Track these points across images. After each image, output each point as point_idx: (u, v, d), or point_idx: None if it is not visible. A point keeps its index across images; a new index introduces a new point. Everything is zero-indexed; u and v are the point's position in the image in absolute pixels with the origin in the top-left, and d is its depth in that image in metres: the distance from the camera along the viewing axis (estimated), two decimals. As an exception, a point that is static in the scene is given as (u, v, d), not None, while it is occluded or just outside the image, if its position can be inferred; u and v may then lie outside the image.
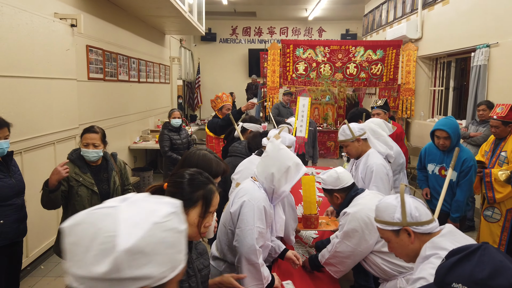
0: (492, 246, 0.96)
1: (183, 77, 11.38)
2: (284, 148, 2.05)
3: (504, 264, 0.88)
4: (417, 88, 7.47)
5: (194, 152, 1.84)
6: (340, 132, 2.95)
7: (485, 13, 5.19)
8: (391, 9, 8.58)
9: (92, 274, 0.64)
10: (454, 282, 0.90)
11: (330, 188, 2.36)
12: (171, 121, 4.91)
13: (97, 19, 5.28)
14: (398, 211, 1.46)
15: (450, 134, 3.04)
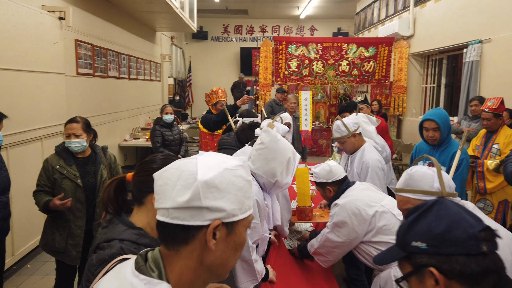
0: (448, 199, 0.93)
1: (174, 75, 11.27)
2: (282, 138, 1.96)
3: (460, 216, 0.86)
4: (409, 85, 7.48)
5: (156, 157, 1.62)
6: (335, 129, 2.89)
7: (478, 9, 5.21)
8: (383, 6, 8.59)
9: (177, 204, 0.77)
10: (413, 241, 0.88)
11: (323, 181, 2.36)
12: (163, 116, 4.83)
13: (86, 13, 5.17)
14: (437, 180, 1.41)
15: (439, 124, 2.67)
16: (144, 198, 1.25)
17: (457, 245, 0.83)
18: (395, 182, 3.76)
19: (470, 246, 0.82)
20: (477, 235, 0.83)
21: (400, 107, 7.45)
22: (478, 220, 0.86)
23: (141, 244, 1.20)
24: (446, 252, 0.84)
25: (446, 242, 0.84)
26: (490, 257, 0.83)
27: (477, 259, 0.82)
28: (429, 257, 0.85)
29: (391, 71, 7.51)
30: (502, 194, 3.44)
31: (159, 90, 9.22)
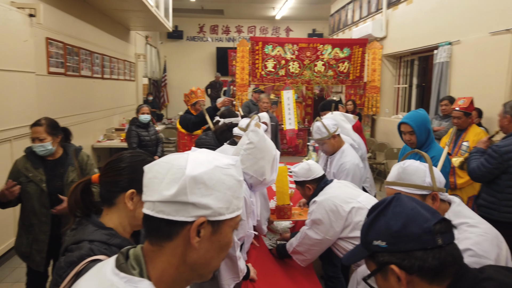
0: (404, 195, 0.95)
1: (149, 75, 11.10)
2: (267, 138, 2.03)
3: (415, 211, 0.88)
4: (382, 85, 7.66)
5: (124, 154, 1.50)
6: (315, 131, 2.91)
7: (448, 12, 5.39)
8: (357, 8, 8.76)
9: (163, 197, 0.76)
10: (374, 240, 0.90)
11: (303, 179, 2.40)
12: (140, 117, 4.73)
13: (58, 11, 5.02)
14: (429, 175, 1.43)
15: (414, 128, 2.58)
16: (115, 198, 1.22)
17: (414, 240, 0.85)
18: (369, 180, 3.84)
19: (426, 240, 0.84)
20: (432, 229, 0.84)
21: (374, 107, 7.62)
22: (433, 213, 0.88)
23: (111, 245, 1.17)
24: (404, 248, 0.85)
25: (403, 239, 0.85)
26: (446, 249, 0.85)
27: (434, 252, 0.84)
28: (389, 255, 0.87)
29: (365, 72, 7.67)
30: (471, 189, 3.59)
31: (133, 90, 9.06)
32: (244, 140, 2.02)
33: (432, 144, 2.65)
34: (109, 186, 1.23)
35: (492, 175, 2.84)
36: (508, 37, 4.25)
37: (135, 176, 1.19)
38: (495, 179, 2.86)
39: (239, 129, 2.70)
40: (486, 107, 4.39)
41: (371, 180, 3.94)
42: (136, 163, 1.23)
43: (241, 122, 2.75)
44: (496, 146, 2.84)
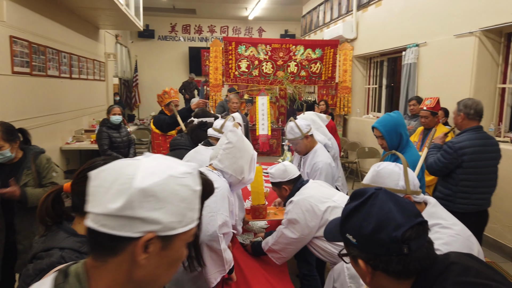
0: (385, 192, 0.95)
1: (119, 74, 10.85)
2: (245, 138, 2.08)
3: (389, 215, 0.90)
4: (353, 86, 7.83)
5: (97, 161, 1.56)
6: (288, 131, 2.96)
7: (415, 14, 5.57)
8: (328, 10, 8.91)
9: (107, 210, 0.68)
10: (347, 233, 0.94)
11: (279, 180, 2.43)
12: (111, 118, 4.59)
13: (23, 8, 4.82)
14: (402, 178, 1.44)
15: (382, 133, 2.58)
16: None
17: (381, 247, 0.88)
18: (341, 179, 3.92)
19: (392, 248, 0.88)
20: (399, 238, 0.87)
21: (345, 107, 7.77)
22: (409, 217, 0.90)
23: (83, 253, 1.14)
24: (371, 251, 0.90)
25: (371, 243, 0.90)
26: (412, 255, 0.88)
27: (399, 259, 0.88)
28: (358, 251, 0.93)
29: (336, 73, 7.81)
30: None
31: (103, 90, 8.83)
32: (223, 140, 2.07)
33: (407, 149, 2.59)
34: (82, 195, 1.18)
35: (447, 169, 2.99)
36: (472, 39, 4.44)
37: None
38: (450, 173, 3.02)
39: (214, 130, 2.70)
40: (452, 106, 4.54)
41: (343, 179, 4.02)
42: None
43: (216, 122, 2.75)
44: (451, 143, 3.00)
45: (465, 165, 2.94)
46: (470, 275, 0.86)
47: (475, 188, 3.01)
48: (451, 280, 0.86)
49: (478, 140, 2.98)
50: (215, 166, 2.06)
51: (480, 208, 3.09)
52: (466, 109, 3.01)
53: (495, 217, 4.15)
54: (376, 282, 0.92)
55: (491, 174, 3.08)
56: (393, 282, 0.91)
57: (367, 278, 0.93)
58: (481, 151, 2.97)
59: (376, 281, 0.92)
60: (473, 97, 4.35)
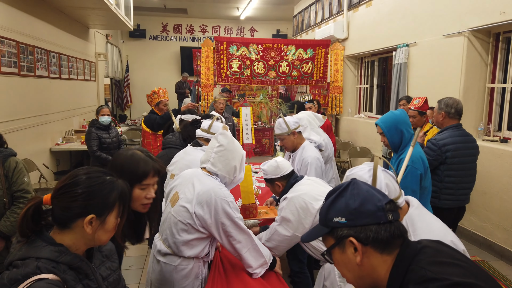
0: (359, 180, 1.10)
1: (110, 74, 10.76)
2: (235, 139, 2.12)
3: (370, 192, 1.03)
4: (345, 86, 7.85)
5: (121, 152, 1.68)
6: (276, 126, 3.02)
7: (405, 14, 5.60)
8: (319, 10, 8.92)
9: None
10: (334, 217, 1.03)
11: (272, 177, 2.43)
12: (100, 118, 4.54)
13: (10, 8, 4.76)
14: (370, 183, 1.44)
15: (383, 130, 2.55)
16: (72, 223, 1.16)
17: (369, 216, 1.00)
18: (335, 180, 3.93)
19: (379, 216, 0.99)
20: (384, 207, 1.00)
21: (337, 106, 7.79)
22: (384, 195, 1.04)
23: (60, 263, 1.12)
24: (361, 223, 1.00)
25: (360, 215, 1.00)
26: (395, 224, 1.01)
27: (386, 226, 0.99)
28: (348, 229, 1.01)
29: (328, 72, 7.82)
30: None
31: (94, 90, 8.75)
32: (214, 143, 2.09)
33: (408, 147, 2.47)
34: (65, 211, 1.16)
35: (432, 166, 3.02)
36: (460, 39, 4.47)
37: (93, 202, 1.16)
38: (434, 169, 3.08)
39: (202, 131, 2.71)
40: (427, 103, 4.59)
41: (337, 180, 4.03)
42: (93, 188, 1.18)
43: (204, 123, 2.76)
44: (434, 140, 3.10)
45: (449, 161, 3.04)
46: (442, 256, 0.96)
47: (459, 184, 3.11)
48: (425, 260, 0.95)
49: (459, 137, 3.09)
50: (209, 170, 2.07)
51: (462, 203, 3.22)
52: (447, 108, 3.13)
53: (485, 216, 4.19)
54: (364, 263, 1.01)
55: (472, 170, 3.20)
56: (378, 259, 1.00)
57: (358, 258, 1.00)
58: (462, 147, 3.08)
59: (364, 263, 1.01)
60: (462, 96, 4.40)
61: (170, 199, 2.13)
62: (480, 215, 4.27)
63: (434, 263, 0.94)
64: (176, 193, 2.10)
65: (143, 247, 4.04)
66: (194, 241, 1.98)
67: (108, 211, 1.18)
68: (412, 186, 2.41)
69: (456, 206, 3.17)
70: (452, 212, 3.19)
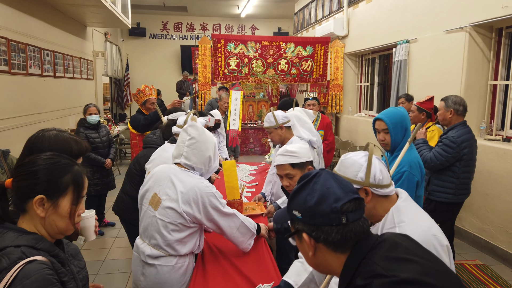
0: (327, 172, 1.07)
1: (109, 73, 10.68)
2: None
3: (330, 190, 1.00)
4: (345, 84, 7.70)
5: (41, 135, 1.55)
6: (266, 119, 3.04)
7: (405, 10, 5.45)
8: (319, 7, 8.78)
9: None
10: (293, 209, 1.04)
11: (305, 160, 2.18)
12: (87, 118, 4.42)
13: (0, 4, 4.67)
14: (363, 170, 1.41)
15: (389, 126, 2.25)
16: (26, 204, 1.14)
17: (322, 217, 0.98)
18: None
19: (332, 218, 0.98)
20: (339, 209, 0.97)
21: (337, 105, 7.65)
22: (347, 192, 1.01)
23: (40, 249, 1.09)
24: (314, 222, 1.00)
25: (314, 214, 0.99)
26: (350, 226, 0.98)
27: (338, 228, 0.98)
28: (303, 225, 1.02)
29: (328, 70, 7.68)
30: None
31: (91, 89, 8.66)
32: (184, 136, 2.03)
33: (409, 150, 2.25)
34: (20, 191, 1.14)
35: (448, 163, 3.15)
36: (462, 35, 4.32)
37: (49, 180, 1.14)
38: (450, 166, 3.18)
39: (178, 127, 2.65)
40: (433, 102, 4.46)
41: None
42: (50, 166, 1.16)
43: (179, 119, 2.71)
44: (452, 137, 3.12)
45: (466, 158, 3.14)
46: (397, 251, 0.95)
47: (470, 179, 3.28)
48: (379, 255, 0.94)
49: (469, 134, 3.18)
50: (184, 165, 2.03)
51: (467, 196, 3.34)
52: (455, 106, 3.19)
53: (487, 218, 4.04)
54: (318, 256, 1.02)
55: (474, 164, 3.33)
56: (331, 255, 1.00)
57: (310, 252, 1.02)
58: (473, 144, 3.20)
59: (317, 255, 1.02)
60: (464, 94, 4.25)
61: (149, 201, 2.03)
62: (481, 217, 4.12)
63: (386, 258, 0.93)
64: (155, 194, 2.02)
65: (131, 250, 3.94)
66: (187, 237, 1.99)
67: (59, 194, 1.15)
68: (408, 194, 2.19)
69: (463, 200, 3.32)
70: (461, 205, 3.35)
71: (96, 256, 3.95)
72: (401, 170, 2.22)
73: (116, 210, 3.04)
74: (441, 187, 3.23)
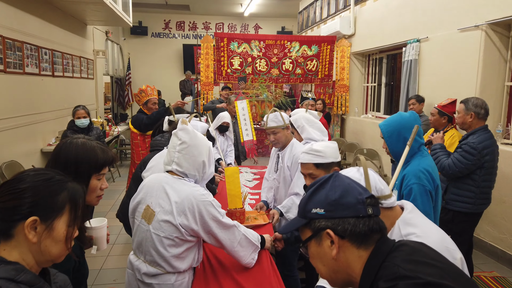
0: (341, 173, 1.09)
1: (110, 72, 10.51)
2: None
3: (351, 185, 1.01)
4: (351, 84, 7.49)
5: (69, 141, 1.47)
6: (271, 119, 2.87)
7: (415, 8, 5.24)
8: (325, 5, 8.57)
9: None
10: (313, 208, 1.00)
11: (331, 161, 2.05)
12: (76, 121, 4.18)
13: (-6, 0, 4.50)
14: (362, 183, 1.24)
15: (384, 135, 2.11)
16: (13, 228, 0.98)
17: (348, 209, 0.97)
18: None
19: (359, 209, 0.97)
20: (364, 200, 0.98)
21: (343, 106, 7.44)
22: (365, 189, 1.02)
23: (20, 282, 0.95)
24: (340, 215, 0.97)
25: (340, 206, 0.98)
26: (374, 219, 0.99)
27: (364, 220, 0.97)
28: (326, 221, 0.98)
29: (333, 70, 7.47)
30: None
31: (92, 88, 8.49)
32: (175, 141, 1.87)
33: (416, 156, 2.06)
34: (5, 213, 0.99)
35: (468, 170, 2.94)
36: (477, 33, 4.11)
37: (38, 200, 0.99)
38: (470, 174, 2.97)
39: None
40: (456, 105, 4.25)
41: None
42: (39, 183, 1.02)
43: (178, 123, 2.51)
44: (472, 143, 2.90)
45: (487, 165, 2.94)
46: (418, 255, 0.93)
47: (491, 188, 3.05)
48: (400, 258, 0.93)
49: (490, 139, 2.97)
50: (176, 171, 1.86)
51: (487, 206, 3.11)
52: (476, 109, 2.97)
53: (504, 227, 3.83)
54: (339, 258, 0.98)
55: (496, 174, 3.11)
56: (354, 254, 0.97)
57: (334, 252, 0.98)
58: (494, 150, 2.99)
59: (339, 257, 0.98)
60: (479, 95, 4.04)
61: (142, 215, 1.85)
62: (498, 226, 3.91)
63: (408, 261, 0.92)
64: (148, 207, 1.84)
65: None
66: (184, 252, 1.85)
67: (55, 215, 1.01)
68: (425, 208, 1.91)
69: (485, 209, 3.10)
70: (480, 216, 3.11)
71: (91, 265, 3.76)
72: (408, 184, 1.98)
73: (121, 217, 2.86)
74: (459, 196, 3.02)
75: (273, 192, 3.05)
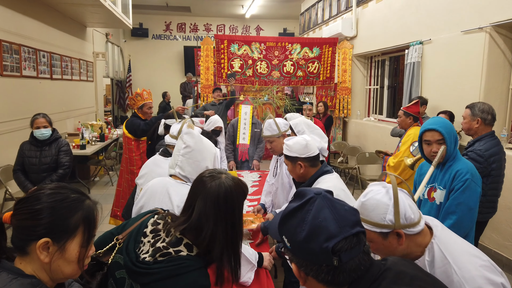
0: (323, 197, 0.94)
1: (111, 75, 10.47)
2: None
3: (322, 224, 0.89)
4: (353, 86, 7.40)
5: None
6: (266, 127, 2.85)
7: (418, 10, 5.15)
8: (327, 7, 8.49)
9: None
10: (283, 235, 0.96)
11: (295, 155, 2.14)
12: (34, 132, 3.63)
13: (-10, 3, 4.45)
14: (391, 211, 1.19)
15: (445, 135, 2.16)
16: (28, 247, 0.99)
17: (311, 255, 0.89)
18: None
19: (322, 259, 0.88)
20: (330, 249, 0.86)
21: (345, 108, 7.35)
22: (343, 227, 0.88)
23: None
24: (302, 258, 0.92)
25: (303, 250, 0.91)
26: (342, 267, 0.88)
27: (328, 269, 0.88)
28: (291, 255, 0.95)
29: (335, 73, 7.39)
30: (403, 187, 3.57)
31: (91, 91, 8.44)
32: (180, 144, 1.85)
33: (458, 156, 2.24)
34: (21, 231, 1.00)
35: None
36: (481, 35, 4.02)
37: (53, 222, 0.99)
38: None
39: (171, 137, 2.45)
40: (459, 109, 4.15)
41: None
42: (54, 204, 1.00)
43: (172, 128, 2.48)
44: (479, 150, 2.81)
45: (494, 173, 2.83)
46: (403, 283, 0.88)
47: (497, 197, 2.95)
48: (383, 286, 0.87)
49: (497, 146, 2.86)
50: (179, 176, 1.84)
51: (493, 215, 3.02)
52: (483, 114, 2.87)
53: (509, 234, 3.73)
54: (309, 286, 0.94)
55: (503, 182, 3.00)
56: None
57: (301, 282, 0.95)
58: (502, 158, 2.89)
59: (309, 285, 0.94)
60: (484, 99, 3.95)
61: None
62: (503, 233, 3.81)
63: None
64: None
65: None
66: None
67: (68, 236, 1.00)
68: (469, 203, 2.11)
69: (490, 218, 3.01)
70: (485, 224, 3.05)
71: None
72: (463, 178, 2.13)
73: (126, 217, 2.79)
74: None
75: (272, 196, 3.03)
